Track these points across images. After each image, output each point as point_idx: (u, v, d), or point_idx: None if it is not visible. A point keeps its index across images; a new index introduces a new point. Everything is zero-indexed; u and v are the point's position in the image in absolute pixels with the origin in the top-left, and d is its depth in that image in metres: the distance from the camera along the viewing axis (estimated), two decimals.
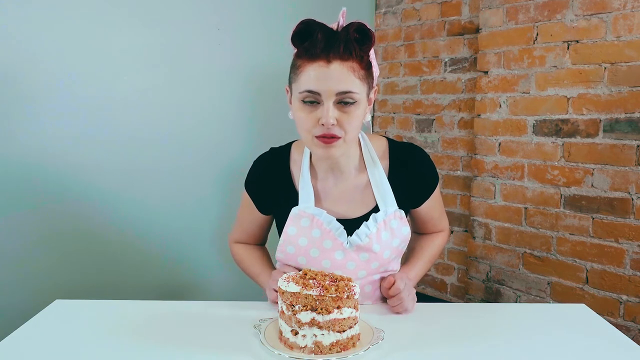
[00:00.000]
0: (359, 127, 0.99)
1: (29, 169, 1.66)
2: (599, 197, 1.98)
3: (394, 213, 1.08)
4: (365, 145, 1.12)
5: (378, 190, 1.09)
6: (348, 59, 0.93)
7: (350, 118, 0.95)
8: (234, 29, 2.19)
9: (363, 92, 0.96)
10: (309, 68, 0.94)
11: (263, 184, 1.14)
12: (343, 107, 0.95)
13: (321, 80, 0.92)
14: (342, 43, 0.92)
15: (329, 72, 0.92)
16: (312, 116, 0.95)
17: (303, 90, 0.94)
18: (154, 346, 0.90)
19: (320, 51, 0.92)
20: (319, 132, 0.95)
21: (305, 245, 1.07)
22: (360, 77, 0.95)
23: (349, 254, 1.07)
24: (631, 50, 1.85)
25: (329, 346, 0.85)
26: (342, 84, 0.93)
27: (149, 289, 2.00)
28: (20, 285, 1.66)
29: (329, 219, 1.06)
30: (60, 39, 1.69)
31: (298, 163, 1.12)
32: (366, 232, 1.05)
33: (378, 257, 1.08)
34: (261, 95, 2.31)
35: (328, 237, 1.06)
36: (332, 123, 0.93)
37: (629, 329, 1.90)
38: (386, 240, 1.07)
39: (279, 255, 1.12)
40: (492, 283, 2.38)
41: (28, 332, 0.96)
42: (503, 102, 2.27)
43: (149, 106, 1.95)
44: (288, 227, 1.07)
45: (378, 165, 1.10)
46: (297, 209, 1.07)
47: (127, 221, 1.92)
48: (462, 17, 2.52)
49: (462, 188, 2.58)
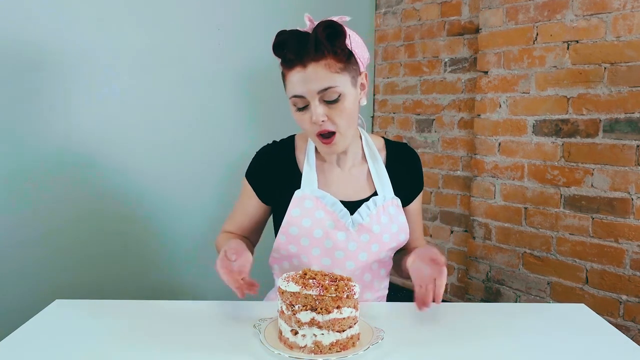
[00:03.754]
0: (350, 117, 1.04)
1: (28, 169, 1.66)
2: (598, 197, 1.98)
3: (392, 200, 1.13)
4: (366, 140, 1.18)
5: (378, 178, 1.15)
6: (321, 59, 0.99)
7: (338, 112, 1.02)
8: (234, 29, 2.19)
9: (346, 83, 1.02)
10: (290, 75, 1.01)
11: (266, 171, 1.16)
12: (328, 104, 1.01)
13: (301, 84, 1.00)
14: (313, 45, 0.98)
15: (306, 75, 0.99)
16: (306, 117, 1.03)
17: (291, 96, 1.03)
18: (154, 346, 0.90)
19: (295, 57, 0.99)
20: (316, 130, 1.03)
21: (309, 226, 1.09)
22: (338, 71, 1.00)
23: (351, 235, 1.10)
24: (631, 50, 1.85)
25: (328, 346, 0.85)
26: (320, 82, 0.99)
27: (149, 289, 2.00)
28: (20, 285, 1.66)
29: (333, 201, 1.10)
30: (60, 39, 1.69)
31: (303, 149, 1.17)
32: (367, 211, 1.10)
33: (378, 238, 1.10)
34: (261, 95, 2.31)
35: (331, 219, 1.09)
36: (321, 120, 1.00)
37: (628, 329, 1.90)
38: (385, 224, 1.11)
39: (280, 239, 1.11)
40: (492, 283, 2.38)
41: (28, 332, 0.96)
42: (503, 102, 2.27)
43: (149, 106, 1.95)
44: (292, 209, 1.09)
45: (377, 156, 1.17)
46: (301, 192, 1.11)
47: (127, 221, 1.92)
48: (462, 17, 2.52)
49: (462, 188, 2.58)
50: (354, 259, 1.11)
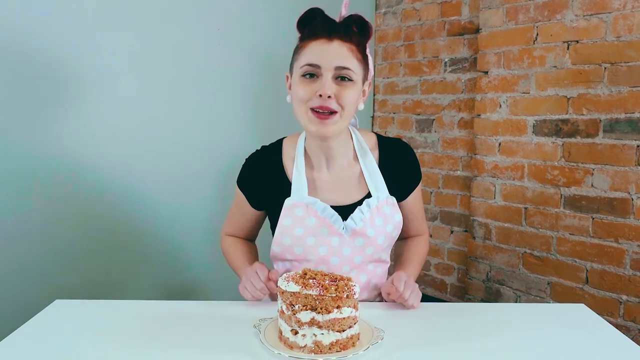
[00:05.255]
0: (354, 106, 1.04)
1: (28, 169, 1.66)
2: (599, 197, 1.98)
3: (386, 199, 1.11)
4: (357, 137, 1.16)
5: (370, 178, 1.12)
6: (348, 41, 1.01)
7: (347, 93, 1.00)
8: (234, 29, 2.19)
9: (359, 75, 1.03)
10: (311, 45, 1.00)
11: (256, 180, 1.16)
12: (341, 82, 1.00)
13: (322, 54, 0.99)
14: (343, 27, 1.01)
15: (330, 47, 0.99)
16: (310, 88, 1.00)
17: (304, 64, 1.00)
18: (154, 346, 0.90)
19: (323, 30, 1.00)
20: (316, 103, 1.00)
21: (301, 234, 1.08)
22: (358, 59, 1.02)
23: (345, 240, 1.09)
24: (631, 50, 1.85)
25: (328, 346, 0.85)
26: (341, 59, 0.99)
27: (149, 289, 2.00)
28: (20, 285, 1.66)
29: (323, 207, 1.08)
30: (60, 39, 1.69)
31: (291, 155, 1.15)
32: (360, 216, 1.08)
33: (372, 242, 1.10)
34: (261, 95, 2.31)
35: (324, 225, 1.08)
36: (329, 94, 0.98)
37: (629, 329, 1.90)
38: (380, 226, 1.09)
39: (275, 249, 1.13)
40: (492, 283, 2.38)
41: (28, 332, 0.96)
42: (503, 102, 2.27)
43: (149, 106, 1.94)
44: (283, 219, 1.09)
45: (369, 154, 1.14)
46: (291, 200, 1.09)
47: (127, 221, 1.92)
48: (462, 17, 2.52)
49: (462, 188, 2.58)
50: (349, 262, 1.11)
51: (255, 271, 1.06)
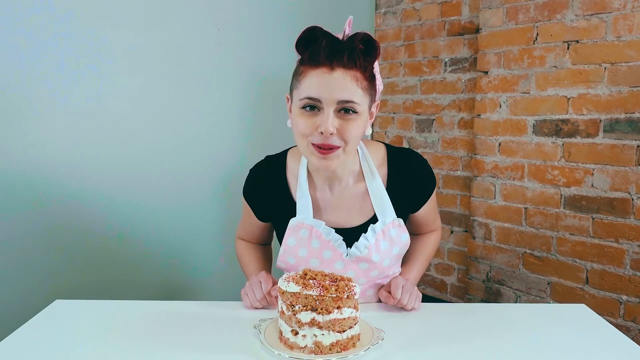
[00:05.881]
0: (358, 138, 0.97)
1: (29, 170, 1.66)
2: (599, 197, 1.98)
3: (392, 222, 1.07)
4: (363, 155, 1.10)
5: (376, 200, 1.07)
6: (352, 68, 0.91)
7: (350, 128, 0.93)
8: (234, 29, 2.19)
9: (365, 103, 0.95)
10: (311, 74, 0.92)
11: (260, 193, 1.14)
12: (344, 116, 0.93)
13: (323, 86, 0.91)
14: (346, 51, 0.91)
15: (331, 79, 0.90)
16: (310, 122, 0.93)
17: (304, 97, 0.92)
18: (154, 346, 0.90)
19: (324, 58, 0.90)
20: (317, 140, 0.93)
21: (305, 256, 1.07)
22: (363, 88, 0.93)
23: (349, 264, 1.07)
24: (631, 50, 1.85)
25: (329, 346, 0.85)
26: (344, 92, 0.91)
27: (148, 289, 2.00)
28: (20, 285, 1.66)
29: (328, 230, 1.06)
30: (59, 40, 1.69)
31: (295, 172, 1.10)
32: (365, 243, 1.05)
33: (377, 266, 1.08)
34: (261, 96, 2.31)
35: (327, 248, 1.06)
36: (331, 132, 0.91)
37: (629, 329, 1.90)
38: (385, 250, 1.07)
39: (280, 265, 1.13)
40: (492, 283, 2.38)
41: (28, 332, 0.96)
42: (503, 102, 2.27)
43: (149, 107, 1.94)
44: (287, 238, 1.08)
45: (376, 175, 1.08)
46: (296, 220, 1.06)
47: (127, 221, 1.92)
48: (462, 17, 2.52)
49: (462, 188, 2.58)
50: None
51: (260, 281, 1.06)
